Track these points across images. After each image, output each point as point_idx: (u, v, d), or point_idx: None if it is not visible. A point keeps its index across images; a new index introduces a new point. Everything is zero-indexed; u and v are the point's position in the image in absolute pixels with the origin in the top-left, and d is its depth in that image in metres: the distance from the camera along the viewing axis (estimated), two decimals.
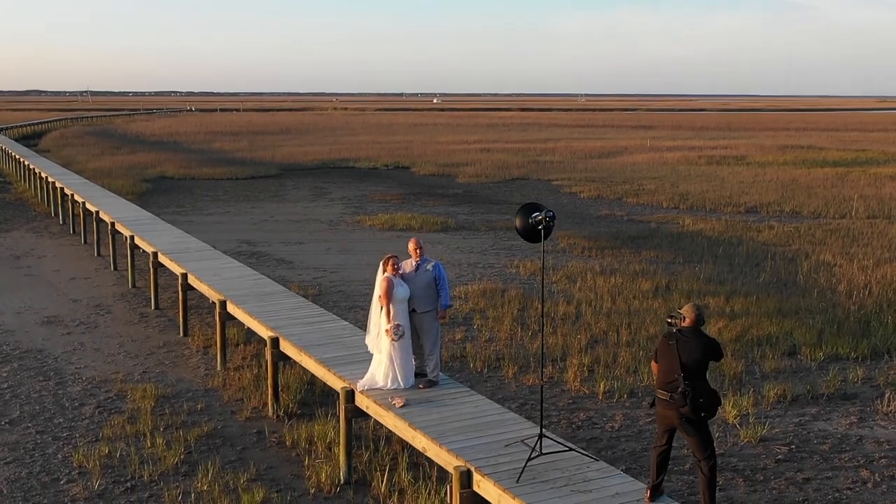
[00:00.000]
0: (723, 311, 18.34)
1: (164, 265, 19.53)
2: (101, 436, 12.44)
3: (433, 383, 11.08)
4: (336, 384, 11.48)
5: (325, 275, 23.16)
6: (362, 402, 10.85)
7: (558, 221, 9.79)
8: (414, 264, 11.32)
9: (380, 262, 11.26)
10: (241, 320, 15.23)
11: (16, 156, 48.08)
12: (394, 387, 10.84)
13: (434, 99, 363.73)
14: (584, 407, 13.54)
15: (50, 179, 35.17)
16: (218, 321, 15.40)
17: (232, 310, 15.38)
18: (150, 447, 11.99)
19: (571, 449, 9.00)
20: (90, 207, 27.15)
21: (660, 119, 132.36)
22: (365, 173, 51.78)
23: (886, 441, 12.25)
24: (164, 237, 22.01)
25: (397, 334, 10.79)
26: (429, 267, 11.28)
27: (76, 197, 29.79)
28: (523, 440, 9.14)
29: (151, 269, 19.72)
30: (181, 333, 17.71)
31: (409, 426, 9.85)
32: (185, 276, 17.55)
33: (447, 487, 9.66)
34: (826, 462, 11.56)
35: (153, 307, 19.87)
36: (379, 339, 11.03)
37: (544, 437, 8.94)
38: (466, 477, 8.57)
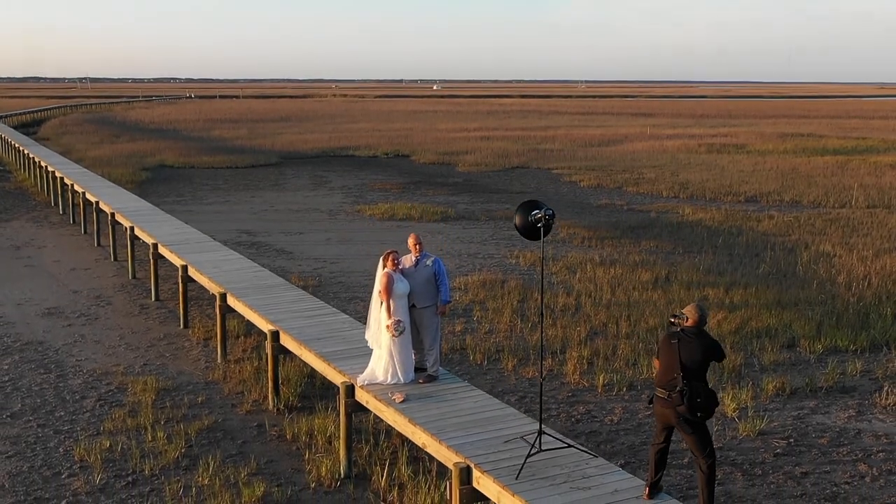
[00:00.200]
0: (722, 303, 18.37)
1: (165, 256, 19.54)
2: (103, 429, 12.49)
3: (433, 378, 11.11)
4: (336, 379, 11.51)
5: (326, 265, 23.18)
6: (362, 397, 10.88)
7: (558, 211, 9.81)
8: (414, 259, 11.33)
9: (380, 258, 11.28)
10: (242, 313, 15.25)
11: (15, 144, 48.00)
12: (394, 382, 10.86)
13: (434, 86, 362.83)
14: (584, 400, 13.59)
15: (50, 169, 35.11)
16: (218, 314, 15.42)
17: (232, 303, 15.40)
18: (151, 441, 12.04)
19: (571, 445, 9.04)
20: (90, 198, 27.13)
21: (660, 106, 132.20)
22: (365, 161, 51.74)
23: (884, 435, 12.29)
24: (164, 228, 22.02)
25: (398, 330, 10.80)
26: (428, 262, 11.29)
27: (76, 187, 29.76)
28: (523, 437, 9.18)
29: (151, 261, 19.72)
30: (181, 325, 17.75)
31: (409, 422, 9.88)
32: (186, 269, 17.57)
33: (447, 482, 9.70)
34: (824, 456, 11.61)
35: (153, 298, 19.90)
36: (379, 334, 11.05)
37: (543, 434, 8.98)
38: (466, 473, 8.60)
